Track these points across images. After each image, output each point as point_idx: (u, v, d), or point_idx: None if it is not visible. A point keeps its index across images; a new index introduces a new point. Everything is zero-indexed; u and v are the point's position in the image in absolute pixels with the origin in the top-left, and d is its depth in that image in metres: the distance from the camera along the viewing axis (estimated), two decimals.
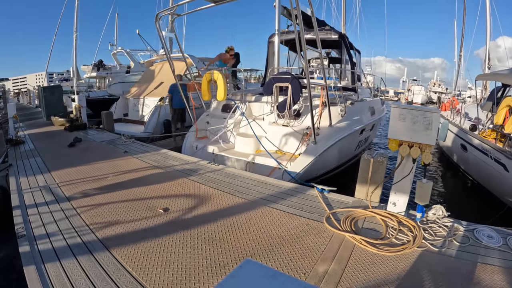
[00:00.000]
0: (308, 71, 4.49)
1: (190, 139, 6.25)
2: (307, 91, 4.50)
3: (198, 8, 4.99)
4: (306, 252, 2.32)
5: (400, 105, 2.73)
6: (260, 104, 6.15)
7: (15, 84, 61.75)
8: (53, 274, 2.04)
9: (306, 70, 4.39)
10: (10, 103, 11.57)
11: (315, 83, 6.68)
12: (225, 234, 2.59)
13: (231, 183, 3.86)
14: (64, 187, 3.73)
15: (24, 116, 11.52)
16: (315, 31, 4.46)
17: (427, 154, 2.65)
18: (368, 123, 6.50)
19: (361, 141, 6.61)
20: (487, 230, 2.60)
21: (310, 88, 4.46)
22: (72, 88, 18.34)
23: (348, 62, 7.21)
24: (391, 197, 2.93)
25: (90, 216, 2.91)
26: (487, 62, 10.00)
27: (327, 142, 4.85)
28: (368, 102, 7.20)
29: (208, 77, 6.23)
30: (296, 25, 4.23)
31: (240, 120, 6.12)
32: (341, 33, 7.28)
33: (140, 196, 3.44)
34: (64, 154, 5.57)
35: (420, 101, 32.22)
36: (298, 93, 5.16)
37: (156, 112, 8.54)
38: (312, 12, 4.38)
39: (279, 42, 6.54)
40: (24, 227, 2.70)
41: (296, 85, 5.12)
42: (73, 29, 12.52)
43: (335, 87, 5.82)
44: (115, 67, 20.29)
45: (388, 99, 39.40)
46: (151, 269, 2.10)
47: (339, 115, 5.39)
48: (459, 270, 2.10)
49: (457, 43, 18.00)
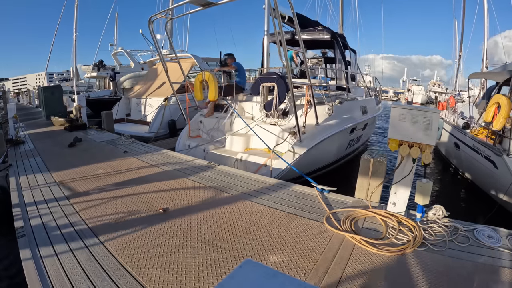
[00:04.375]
0: (290, 71, 4.59)
1: (184, 138, 6.39)
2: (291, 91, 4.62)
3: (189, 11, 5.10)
4: (306, 252, 2.32)
5: (400, 105, 2.73)
6: (251, 103, 6.31)
7: (15, 84, 61.79)
8: (53, 273, 2.04)
9: (288, 69, 4.48)
10: (10, 103, 11.59)
11: (301, 83, 6.75)
12: (225, 234, 2.59)
13: (231, 183, 3.86)
14: (64, 187, 3.73)
15: (24, 116, 11.53)
16: (297, 31, 4.62)
17: (427, 154, 2.65)
18: (359, 122, 6.53)
19: (353, 140, 6.65)
20: (487, 230, 2.60)
21: (292, 88, 4.58)
22: (72, 88, 18.36)
23: (341, 62, 7.26)
24: (391, 197, 2.93)
25: (90, 216, 2.90)
26: (485, 61, 10.02)
27: (313, 141, 4.92)
28: (359, 101, 7.23)
29: (200, 77, 6.38)
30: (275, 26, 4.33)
31: (232, 119, 6.24)
32: (333, 33, 7.34)
33: (140, 196, 3.44)
34: (64, 154, 5.57)
35: (420, 101, 32.26)
36: (283, 92, 5.27)
37: (161, 112, 8.54)
38: (293, 13, 4.52)
39: (268, 43, 6.65)
40: (24, 227, 2.70)
41: (281, 85, 5.24)
42: (73, 29, 12.53)
43: (321, 86, 5.93)
44: (115, 67, 20.29)
45: (387, 99, 39.43)
46: (151, 269, 2.10)
47: (327, 114, 5.46)
48: (459, 270, 2.10)
49: (457, 43, 18.01)
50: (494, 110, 5.17)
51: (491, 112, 5.23)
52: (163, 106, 8.62)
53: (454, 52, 18.65)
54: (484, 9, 10.21)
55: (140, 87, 10.68)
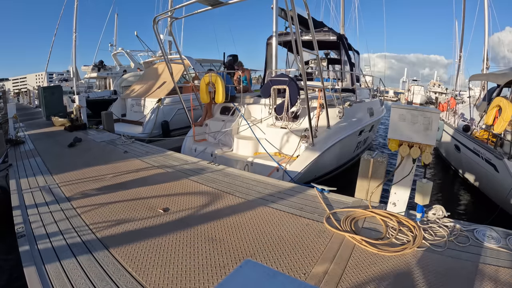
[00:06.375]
0: (305, 73, 4.49)
1: (189, 142, 6.24)
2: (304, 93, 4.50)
3: (196, 11, 5.02)
4: (306, 252, 2.32)
5: (400, 106, 2.73)
6: (258, 106, 6.13)
7: (15, 84, 61.77)
8: (53, 274, 2.04)
9: (303, 72, 4.40)
10: (10, 103, 11.58)
11: (313, 85, 6.67)
12: (225, 234, 2.59)
13: (231, 183, 3.86)
14: (64, 187, 3.73)
15: (24, 116, 11.52)
16: (312, 33, 4.44)
17: (427, 154, 2.65)
18: (366, 124, 6.50)
19: (360, 142, 6.61)
20: (487, 230, 2.61)
21: (307, 90, 4.47)
22: (72, 88, 18.36)
23: (346, 63, 7.19)
24: (391, 197, 2.93)
25: (90, 216, 2.91)
26: (485, 62, 10.01)
27: (325, 144, 4.85)
28: (366, 103, 7.20)
29: (206, 80, 6.24)
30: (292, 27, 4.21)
31: (239, 122, 6.12)
32: (339, 34, 7.27)
33: (140, 196, 3.44)
34: (64, 154, 5.57)
35: (419, 101, 32.24)
36: (295, 95, 5.16)
37: (154, 113, 8.54)
38: (308, 14, 4.37)
39: (277, 45, 6.50)
40: (24, 227, 2.70)
41: (293, 88, 5.13)
42: (73, 29, 12.53)
43: (333, 89, 5.83)
44: (115, 67, 20.29)
45: (387, 99, 39.42)
46: (151, 269, 2.10)
47: (337, 117, 5.40)
48: (459, 270, 2.10)
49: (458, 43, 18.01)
50: (495, 113, 5.16)
51: (492, 115, 5.22)
52: (157, 107, 8.61)
53: (455, 53, 18.66)
54: (485, 9, 10.21)
55: (136, 88, 10.68)
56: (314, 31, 4.46)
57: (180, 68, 9.28)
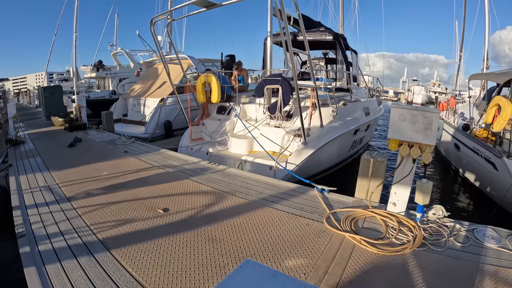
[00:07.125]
0: (296, 73, 4.53)
1: (186, 141, 6.33)
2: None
3: (191, 13, 5.05)
4: (306, 252, 2.32)
5: (400, 105, 2.73)
6: (253, 106, 6.22)
7: (15, 84, 61.68)
8: (53, 274, 2.04)
9: (294, 72, 4.45)
10: (10, 103, 11.58)
11: (306, 85, 6.69)
12: (225, 234, 2.59)
13: (231, 183, 3.86)
14: (64, 187, 3.73)
15: (24, 116, 11.53)
16: (303, 33, 4.56)
17: (427, 154, 2.65)
18: (362, 123, 6.50)
19: (356, 141, 6.63)
20: (487, 230, 2.61)
21: (298, 90, 4.52)
22: (72, 88, 18.34)
23: (343, 63, 7.22)
24: (391, 197, 2.93)
25: (90, 216, 2.91)
26: (485, 62, 10.00)
27: (318, 143, 4.90)
28: (362, 103, 7.21)
29: (202, 79, 6.31)
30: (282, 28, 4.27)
31: (235, 121, 6.18)
32: (336, 34, 7.30)
33: (140, 196, 3.44)
34: (64, 154, 5.57)
35: (420, 101, 32.23)
36: (288, 95, 5.22)
37: (157, 113, 8.53)
38: (299, 14, 4.44)
39: (271, 45, 6.56)
40: (24, 227, 2.70)
41: (286, 87, 5.19)
42: (73, 30, 12.51)
43: (326, 88, 5.87)
44: (114, 67, 20.27)
45: (387, 99, 39.41)
46: (151, 269, 2.10)
47: (331, 116, 5.43)
48: (459, 270, 2.10)
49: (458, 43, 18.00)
50: (495, 112, 5.17)
51: (492, 113, 5.23)
52: (159, 107, 8.61)
53: (455, 52, 18.65)
54: (485, 8, 10.19)
55: (137, 88, 10.68)
56: (305, 32, 4.57)
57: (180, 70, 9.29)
